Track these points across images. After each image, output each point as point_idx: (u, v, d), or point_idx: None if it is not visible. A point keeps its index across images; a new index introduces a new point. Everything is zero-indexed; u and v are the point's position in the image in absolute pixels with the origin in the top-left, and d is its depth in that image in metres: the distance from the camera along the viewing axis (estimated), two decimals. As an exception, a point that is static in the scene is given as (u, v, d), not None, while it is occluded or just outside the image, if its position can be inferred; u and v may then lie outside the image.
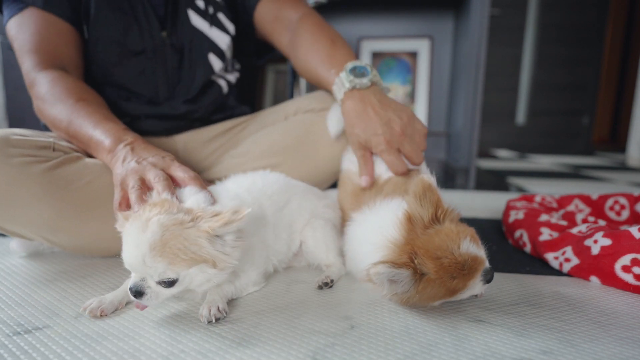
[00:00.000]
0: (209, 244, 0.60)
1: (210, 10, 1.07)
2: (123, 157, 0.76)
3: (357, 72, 0.87)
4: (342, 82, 0.87)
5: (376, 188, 0.82)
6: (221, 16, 1.09)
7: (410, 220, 0.64)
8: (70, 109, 0.86)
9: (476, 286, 0.62)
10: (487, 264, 0.63)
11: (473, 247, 0.61)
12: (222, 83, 1.13)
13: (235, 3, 1.12)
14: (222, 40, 1.08)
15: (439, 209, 0.64)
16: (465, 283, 0.60)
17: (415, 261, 0.59)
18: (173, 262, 0.58)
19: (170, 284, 0.60)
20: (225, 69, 1.15)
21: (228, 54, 1.11)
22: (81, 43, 0.98)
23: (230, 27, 1.10)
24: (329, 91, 0.96)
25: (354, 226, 0.76)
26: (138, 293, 0.59)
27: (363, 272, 0.60)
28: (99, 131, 0.82)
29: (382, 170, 0.84)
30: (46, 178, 0.78)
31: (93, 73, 1.01)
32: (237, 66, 1.22)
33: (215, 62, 1.08)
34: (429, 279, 0.59)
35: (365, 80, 0.86)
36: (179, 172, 0.73)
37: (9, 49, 2.83)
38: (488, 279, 0.63)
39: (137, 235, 0.58)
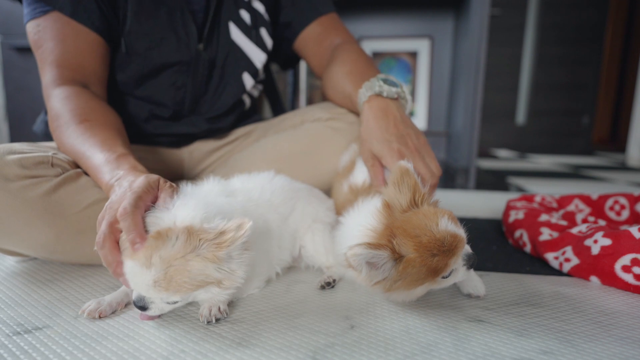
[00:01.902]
0: (215, 270, 0.58)
1: (253, 23, 1.04)
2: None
3: (388, 82, 0.86)
4: (371, 86, 0.85)
5: (359, 191, 0.82)
6: (263, 32, 1.06)
7: (388, 207, 0.64)
8: (73, 133, 0.80)
9: (459, 270, 0.62)
10: (468, 248, 0.63)
11: (452, 225, 0.61)
12: (247, 99, 1.13)
13: (278, 20, 1.10)
14: (258, 58, 1.06)
15: (417, 193, 0.64)
16: (447, 261, 0.59)
17: (394, 242, 0.59)
18: (178, 291, 0.57)
19: (174, 302, 0.60)
20: (254, 86, 1.14)
21: (261, 71, 1.10)
22: (107, 54, 0.93)
23: (269, 43, 1.08)
24: (350, 105, 0.93)
25: (340, 229, 0.76)
26: (142, 308, 0.59)
27: (342, 257, 0.59)
28: (95, 161, 0.75)
29: (365, 175, 0.85)
30: (43, 204, 0.75)
31: (118, 84, 0.98)
32: (263, 76, 1.20)
33: (248, 81, 1.07)
34: (409, 259, 0.58)
35: (393, 90, 0.84)
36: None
37: (9, 49, 2.82)
38: (471, 264, 0.62)
39: (139, 271, 0.56)
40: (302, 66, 2.94)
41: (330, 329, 0.61)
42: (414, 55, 2.98)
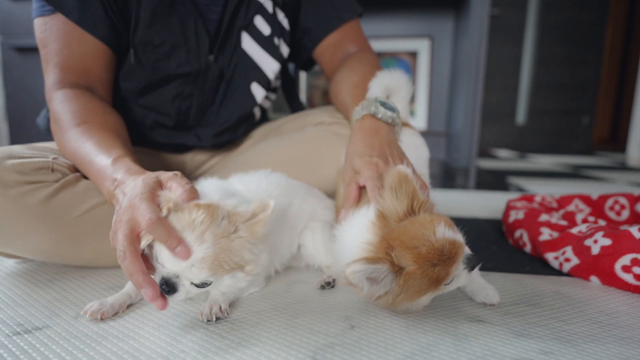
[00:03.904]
0: (248, 251, 0.62)
1: (268, 31, 1.00)
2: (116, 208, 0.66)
3: (386, 105, 0.84)
4: (367, 105, 0.83)
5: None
6: (279, 40, 1.02)
7: (383, 217, 0.62)
8: (72, 137, 0.79)
9: (460, 275, 0.60)
10: (467, 250, 0.61)
11: (449, 232, 0.59)
12: (257, 112, 1.11)
13: (297, 24, 1.07)
14: (271, 67, 1.02)
15: (415, 200, 0.62)
16: (448, 269, 0.58)
17: (392, 254, 0.57)
18: (216, 272, 0.59)
19: (204, 285, 0.61)
20: (266, 97, 1.11)
21: (273, 82, 1.07)
22: (113, 61, 0.91)
23: (285, 51, 1.04)
24: (348, 116, 0.90)
25: (335, 244, 0.73)
26: (172, 289, 0.59)
27: (342, 275, 0.58)
28: (95, 168, 0.74)
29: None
30: (43, 210, 0.74)
31: (122, 92, 0.96)
32: (278, 82, 1.18)
33: (258, 92, 1.03)
34: (409, 272, 0.57)
35: (389, 114, 0.82)
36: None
37: (9, 49, 2.81)
38: (472, 265, 0.61)
39: (190, 245, 0.57)
40: (302, 66, 2.93)
41: (330, 329, 0.61)
42: (414, 55, 2.98)
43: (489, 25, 2.18)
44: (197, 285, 0.60)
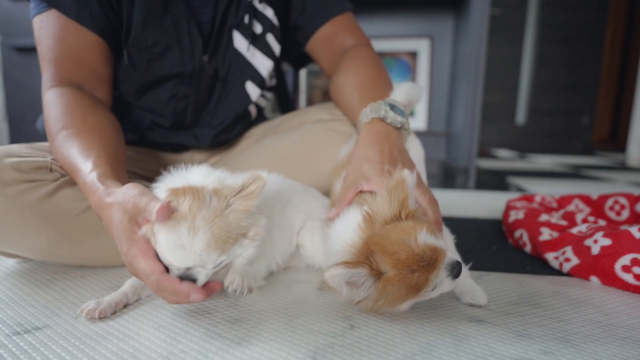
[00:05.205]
0: (247, 220, 0.63)
1: (259, 30, 1.00)
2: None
3: (395, 109, 0.82)
4: (376, 108, 0.81)
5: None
6: (270, 38, 1.02)
7: (370, 219, 0.62)
8: (57, 146, 0.77)
9: (443, 282, 0.59)
10: (452, 257, 0.60)
11: (431, 238, 0.58)
12: (253, 110, 1.11)
13: (289, 23, 1.06)
14: (264, 66, 1.02)
15: (404, 208, 0.61)
16: (427, 276, 0.57)
17: (372, 259, 0.57)
18: (224, 249, 0.61)
19: (220, 264, 0.62)
20: (262, 95, 1.11)
21: (268, 80, 1.07)
22: (110, 56, 0.90)
23: (277, 48, 1.04)
24: (352, 118, 0.90)
25: (327, 242, 0.73)
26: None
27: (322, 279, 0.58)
28: (78, 183, 0.72)
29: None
30: (42, 208, 0.74)
31: (122, 94, 0.97)
32: (274, 81, 1.17)
33: (253, 91, 1.03)
34: (388, 277, 0.56)
35: (399, 119, 0.81)
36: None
37: (9, 49, 2.81)
38: (455, 273, 0.59)
39: (187, 238, 0.57)
40: (302, 66, 2.92)
41: (330, 329, 0.61)
42: (414, 55, 2.98)
43: (489, 25, 2.18)
44: (213, 267, 0.62)
